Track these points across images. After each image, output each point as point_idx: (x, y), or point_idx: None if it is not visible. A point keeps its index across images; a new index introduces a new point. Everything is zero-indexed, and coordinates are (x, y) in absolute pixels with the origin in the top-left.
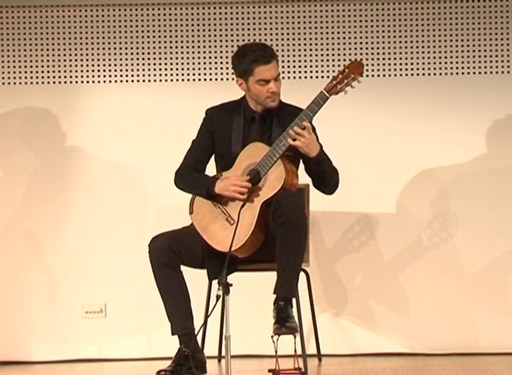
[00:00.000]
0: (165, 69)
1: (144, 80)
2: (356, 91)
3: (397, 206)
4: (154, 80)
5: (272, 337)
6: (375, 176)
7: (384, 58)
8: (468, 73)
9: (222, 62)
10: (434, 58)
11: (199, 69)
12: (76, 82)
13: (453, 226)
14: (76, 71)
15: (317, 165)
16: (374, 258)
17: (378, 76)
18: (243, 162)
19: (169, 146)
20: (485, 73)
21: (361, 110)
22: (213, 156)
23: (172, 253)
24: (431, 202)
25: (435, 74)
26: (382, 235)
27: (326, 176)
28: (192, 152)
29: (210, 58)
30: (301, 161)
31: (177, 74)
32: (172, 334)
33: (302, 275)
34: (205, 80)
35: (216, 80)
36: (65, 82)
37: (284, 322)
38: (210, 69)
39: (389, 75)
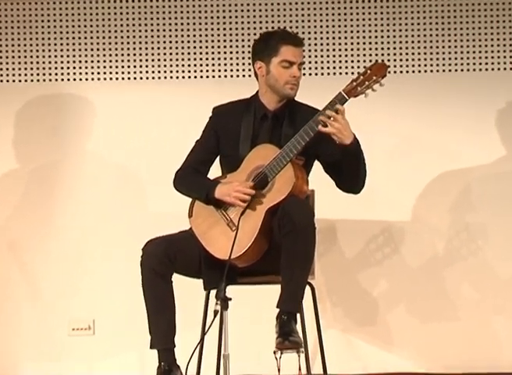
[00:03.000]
0: (165, 66)
1: (141, 78)
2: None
3: (417, 215)
4: (153, 78)
5: (274, 352)
6: (397, 183)
7: (402, 54)
8: (486, 70)
9: (231, 58)
10: (450, 53)
11: (201, 65)
12: (63, 80)
13: (481, 236)
14: (62, 68)
15: (351, 154)
16: (387, 270)
17: (401, 72)
18: (250, 164)
19: (169, 147)
20: (505, 69)
21: (380, 112)
22: (218, 158)
23: (167, 259)
24: (458, 211)
25: (449, 71)
26: (398, 245)
27: (360, 167)
28: (194, 152)
29: (213, 53)
30: (319, 160)
31: (177, 71)
32: (151, 348)
33: (307, 288)
34: (213, 77)
35: (226, 76)
36: (51, 80)
37: (287, 336)
38: (213, 65)
39: (407, 71)
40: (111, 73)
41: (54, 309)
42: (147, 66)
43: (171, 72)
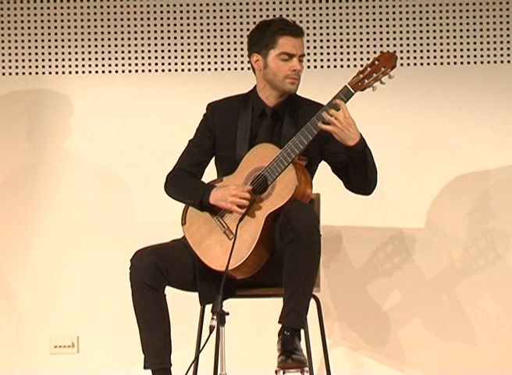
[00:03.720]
0: (150, 58)
1: (130, 71)
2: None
3: (431, 221)
4: (138, 71)
5: (276, 372)
6: (408, 187)
7: (412, 45)
8: (509, 62)
9: (228, 50)
10: (469, 43)
11: (195, 57)
12: (37, 73)
13: (502, 244)
14: (37, 60)
15: (358, 154)
16: (401, 282)
17: (415, 64)
18: (248, 166)
19: (159, 147)
20: None
21: (389, 107)
22: (213, 159)
23: (158, 272)
24: (476, 217)
25: (467, 63)
26: (409, 254)
27: (368, 169)
28: (187, 154)
29: (208, 44)
30: (326, 161)
31: (168, 64)
32: (145, 368)
33: (312, 302)
34: (208, 70)
35: (223, 69)
36: (24, 74)
37: (290, 354)
38: (208, 57)
39: (421, 64)
40: (90, 66)
41: (33, 325)
42: (129, 59)
43: (156, 64)
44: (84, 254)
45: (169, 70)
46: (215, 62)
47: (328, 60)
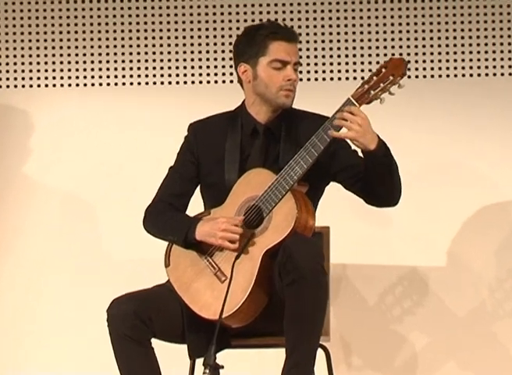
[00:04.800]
0: (131, 69)
1: (100, 84)
2: (391, 97)
3: (452, 258)
4: (116, 84)
5: None
6: (423, 217)
7: (420, 54)
8: None
9: (208, 60)
10: (487, 53)
11: (176, 68)
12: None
13: None
14: (8, 71)
15: (380, 161)
16: (421, 331)
17: (424, 76)
18: (239, 195)
19: (134, 171)
20: None
21: (399, 124)
22: (199, 188)
23: (139, 322)
24: (501, 254)
25: (486, 75)
26: (433, 298)
27: (395, 173)
28: (168, 183)
29: (192, 53)
30: (336, 180)
31: (147, 76)
32: None
33: (320, 353)
34: (188, 83)
35: (208, 82)
36: None
37: None
38: (193, 68)
39: (432, 76)
40: (54, 78)
41: None
42: (100, 70)
43: (131, 77)
44: (53, 294)
45: (147, 83)
46: (200, 75)
47: (327, 71)
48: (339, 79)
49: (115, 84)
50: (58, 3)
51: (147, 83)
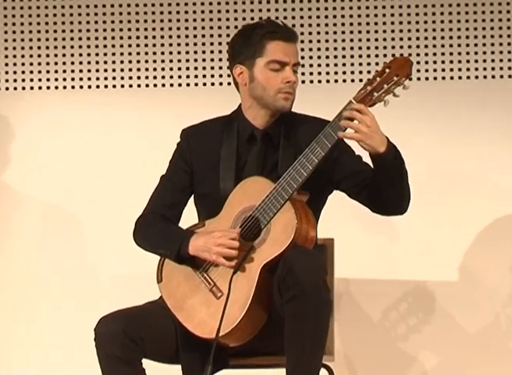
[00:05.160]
0: (123, 71)
1: (89, 86)
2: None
3: (463, 272)
4: (106, 86)
5: None
6: (432, 228)
7: (435, 54)
8: None
9: (203, 60)
10: (493, 53)
11: (170, 69)
12: None
13: None
14: None
15: (392, 161)
16: (430, 349)
17: (435, 79)
18: (235, 205)
19: (127, 182)
20: None
21: (404, 128)
22: (192, 198)
23: (129, 341)
24: None
25: (492, 78)
26: (441, 314)
27: (404, 181)
28: (160, 193)
29: (188, 53)
30: (340, 188)
31: (139, 78)
32: None
33: (323, 373)
34: (183, 85)
35: (204, 84)
36: None
37: None
38: (188, 70)
39: (443, 78)
40: (32, 80)
41: None
42: (89, 72)
43: (122, 79)
44: (38, 313)
45: (139, 86)
46: (195, 76)
47: (328, 73)
48: (342, 81)
49: (105, 87)
50: (43, 7)
51: (139, 86)
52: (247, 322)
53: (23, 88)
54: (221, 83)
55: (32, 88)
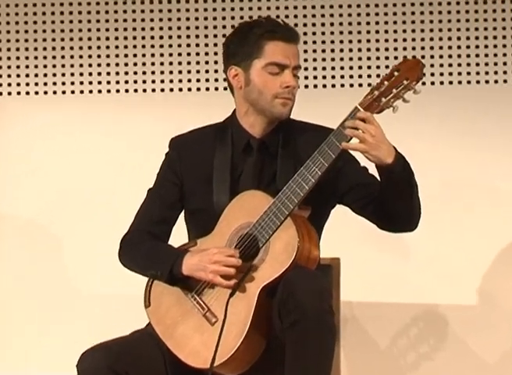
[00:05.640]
0: (100, 74)
1: (73, 92)
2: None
3: (481, 294)
4: (91, 91)
5: None
6: (445, 246)
7: (427, 56)
8: None
9: (205, 63)
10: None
11: (162, 73)
12: None
13: None
14: None
15: (401, 173)
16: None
17: (460, 83)
18: (231, 222)
19: (112, 195)
20: None
21: (419, 136)
22: (183, 214)
23: None
24: None
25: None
26: (455, 340)
27: (414, 193)
28: (147, 208)
29: (181, 55)
30: (343, 202)
31: (126, 82)
32: None
33: None
34: (177, 90)
35: (198, 89)
36: None
37: None
38: (181, 73)
39: (449, 82)
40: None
41: None
42: (72, 75)
43: (108, 83)
44: (7, 345)
45: (126, 91)
46: (189, 81)
47: (334, 77)
48: (348, 85)
49: (90, 92)
50: (30, 13)
51: (127, 91)
52: (244, 350)
53: (9, 93)
54: (216, 88)
55: (19, 93)
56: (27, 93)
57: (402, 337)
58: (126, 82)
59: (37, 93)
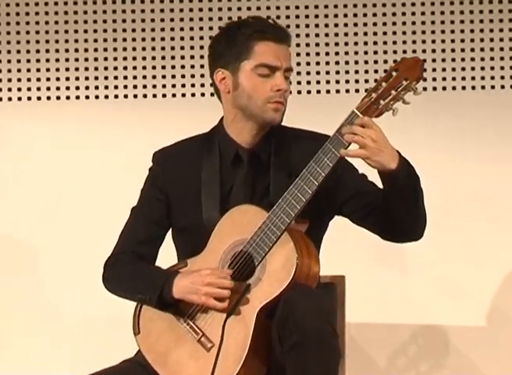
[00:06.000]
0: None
1: (48, 97)
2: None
3: (492, 313)
4: (77, 97)
5: None
6: (447, 259)
7: (437, 60)
8: None
9: (191, 67)
10: None
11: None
12: None
13: None
14: None
15: (406, 179)
16: None
17: (444, 89)
18: (223, 239)
19: (94, 211)
20: None
21: (423, 141)
22: (170, 232)
23: None
24: None
25: None
26: (458, 359)
27: (419, 200)
28: (132, 228)
29: (165, 58)
30: (343, 212)
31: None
32: None
33: None
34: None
35: (183, 95)
36: None
37: None
38: (164, 78)
39: (461, 87)
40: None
41: None
42: (48, 80)
43: (87, 89)
44: None
45: (106, 97)
46: (173, 86)
47: (328, 82)
48: (344, 91)
49: (67, 98)
50: (15, 17)
51: (106, 97)
52: None
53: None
54: (203, 94)
55: (10, 99)
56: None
57: (401, 357)
58: (106, 87)
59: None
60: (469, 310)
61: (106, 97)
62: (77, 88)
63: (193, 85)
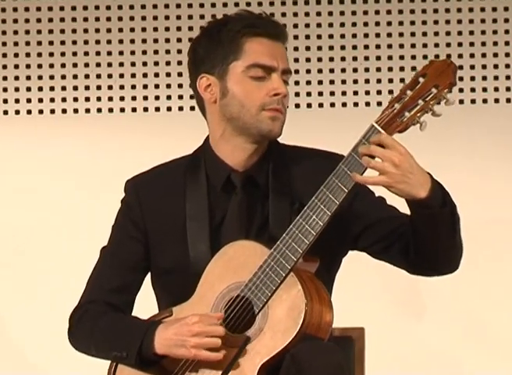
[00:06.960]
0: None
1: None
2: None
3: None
4: (64, 110)
5: None
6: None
7: (467, 69)
8: None
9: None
10: None
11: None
12: None
13: None
14: None
15: (440, 209)
16: None
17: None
18: (215, 283)
19: (55, 248)
20: None
21: (454, 160)
22: (149, 276)
23: None
24: None
25: None
26: None
27: (457, 233)
28: (102, 273)
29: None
30: (359, 245)
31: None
32: None
33: None
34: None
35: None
36: None
37: None
38: (142, 88)
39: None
40: None
41: None
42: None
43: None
44: None
45: (87, 111)
46: (157, 98)
47: (333, 94)
48: (352, 105)
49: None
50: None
51: (87, 111)
52: None
53: None
54: (180, 108)
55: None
56: None
57: None
58: (87, 99)
59: None
60: (498, 359)
61: (99, 110)
62: (64, 100)
63: (168, 97)
